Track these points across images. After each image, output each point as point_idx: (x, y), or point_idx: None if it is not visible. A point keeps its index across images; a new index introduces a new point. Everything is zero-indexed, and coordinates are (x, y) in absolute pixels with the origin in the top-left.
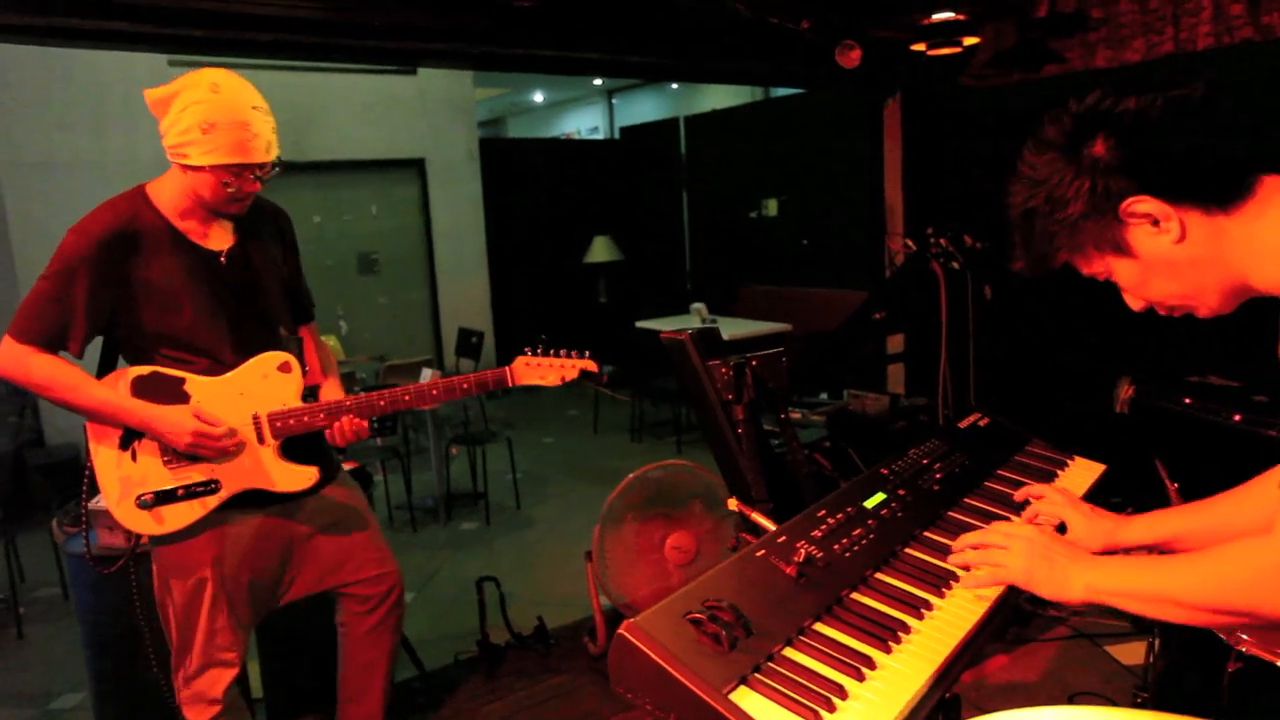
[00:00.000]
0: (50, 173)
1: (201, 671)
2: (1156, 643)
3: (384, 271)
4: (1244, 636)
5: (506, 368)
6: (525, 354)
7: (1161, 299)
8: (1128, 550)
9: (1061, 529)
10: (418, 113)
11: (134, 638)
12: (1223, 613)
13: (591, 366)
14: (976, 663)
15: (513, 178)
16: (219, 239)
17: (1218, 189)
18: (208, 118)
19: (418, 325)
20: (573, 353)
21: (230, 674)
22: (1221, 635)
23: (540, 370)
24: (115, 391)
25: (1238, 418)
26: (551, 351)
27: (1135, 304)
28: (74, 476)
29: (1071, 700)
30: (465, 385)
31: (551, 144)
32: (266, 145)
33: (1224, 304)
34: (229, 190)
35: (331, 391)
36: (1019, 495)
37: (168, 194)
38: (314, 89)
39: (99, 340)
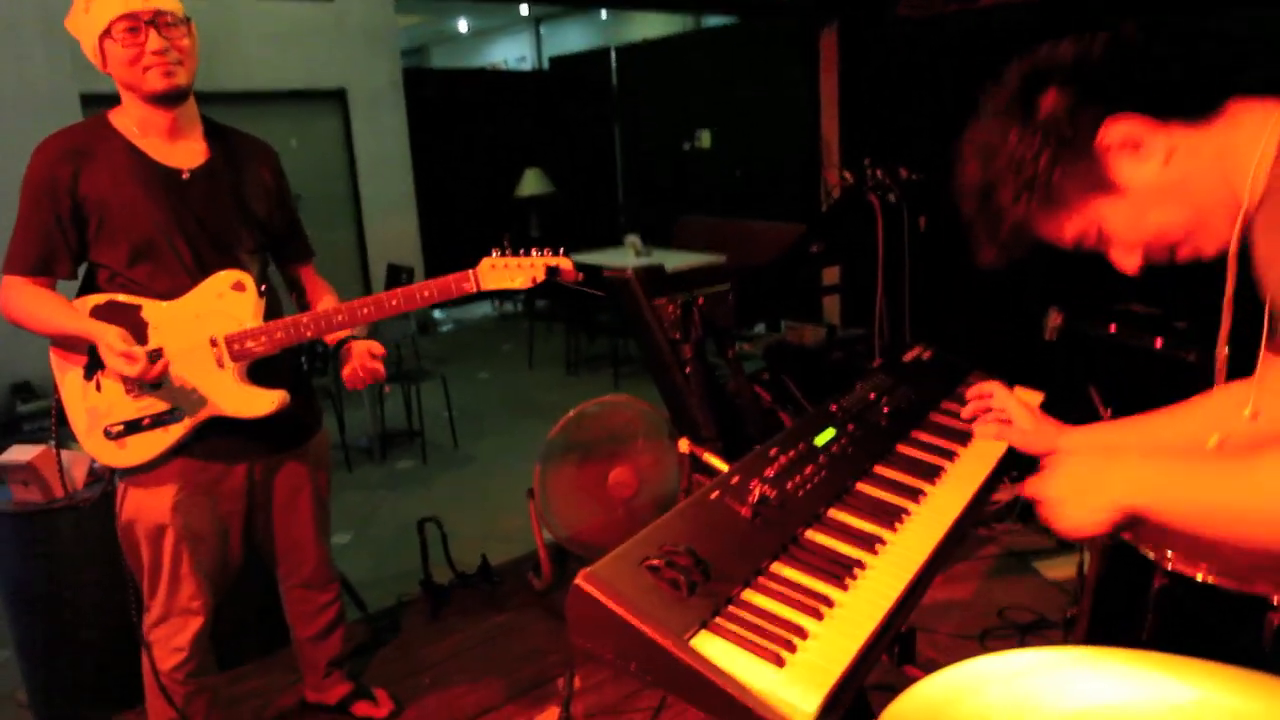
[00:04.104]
0: None
1: (164, 619)
2: (1086, 558)
3: (306, 208)
4: (1168, 554)
5: (470, 270)
6: (492, 254)
7: (1163, 233)
8: None
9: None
10: (336, 40)
11: (56, 591)
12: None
13: (564, 263)
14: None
15: (439, 110)
16: (185, 157)
17: (1191, 100)
18: None
19: (344, 263)
20: (545, 250)
21: (196, 623)
22: (1148, 552)
23: (508, 272)
24: (75, 313)
25: (1159, 343)
26: (520, 251)
27: (1130, 259)
28: None
29: (1001, 615)
30: (426, 292)
31: (479, 75)
32: None
33: (1223, 235)
34: (137, 59)
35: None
36: (971, 392)
37: (125, 115)
38: (224, 14)
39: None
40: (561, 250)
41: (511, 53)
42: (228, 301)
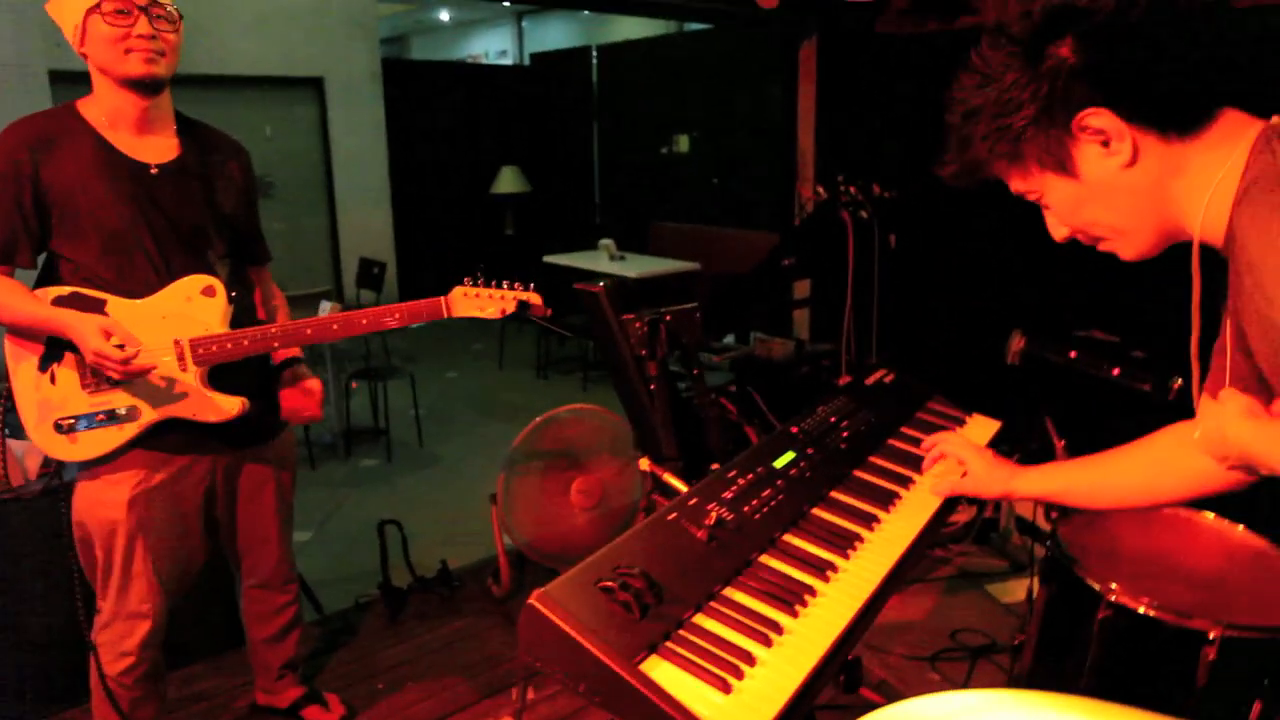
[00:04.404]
0: None
1: (112, 622)
2: (1035, 586)
3: (279, 196)
4: (1113, 585)
5: (442, 298)
6: (464, 284)
7: (1089, 227)
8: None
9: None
10: (315, 27)
11: (11, 586)
12: None
13: (534, 298)
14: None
15: (418, 102)
16: (155, 152)
17: (1181, 112)
18: None
19: (316, 255)
20: (515, 284)
21: (144, 626)
22: (1093, 584)
23: (479, 301)
24: (39, 303)
25: (1116, 371)
26: (493, 283)
27: (1059, 231)
28: None
29: (953, 637)
30: (396, 315)
31: (459, 68)
32: None
33: (1154, 246)
34: (120, 40)
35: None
36: (926, 443)
37: (95, 105)
38: None
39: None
40: (532, 286)
41: (493, 45)
42: (196, 306)
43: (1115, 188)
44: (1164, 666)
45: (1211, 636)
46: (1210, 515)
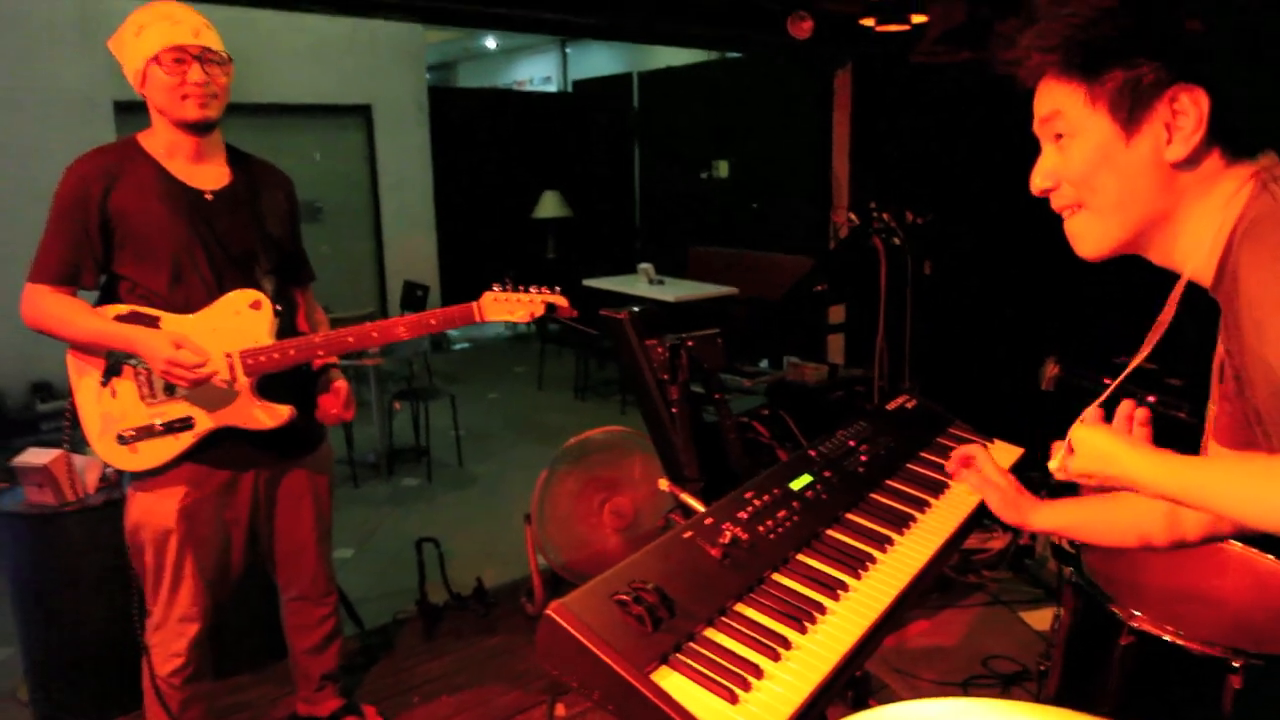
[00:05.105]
0: None
1: (163, 624)
2: (1061, 612)
3: (328, 221)
4: (1136, 613)
5: (474, 303)
6: (494, 289)
7: (1087, 191)
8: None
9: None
10: (365, 56)
11: (63, 593)
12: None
13: (560, 301)
14: (897, 629)
15: (462, 129)
16: (209, 180)
17: (1252, 139)
18: (138, 22)
19: (362, 277)
20: (542, 288)
21: (193, 629)
22: (1116, 610)
23: (508, 305)
24: (103, 319)
25: (1152, 399)
26: (520, 288)
27: (1043, 181)
28: None
29: (985, 664)
30: (433, 321)
31: (502, 95)
32: (194, 30)
33: (1124, 244)
34: (178, 87)
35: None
36: (955, 453)
37: (154, 138)
38: (256, 27)
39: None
40: (559, 289)
41: (538, 71)
42: (244, 319)
43: (1142, 172)
44: (1188, 695)
45: (1237, 665)
46: (1238, 544)
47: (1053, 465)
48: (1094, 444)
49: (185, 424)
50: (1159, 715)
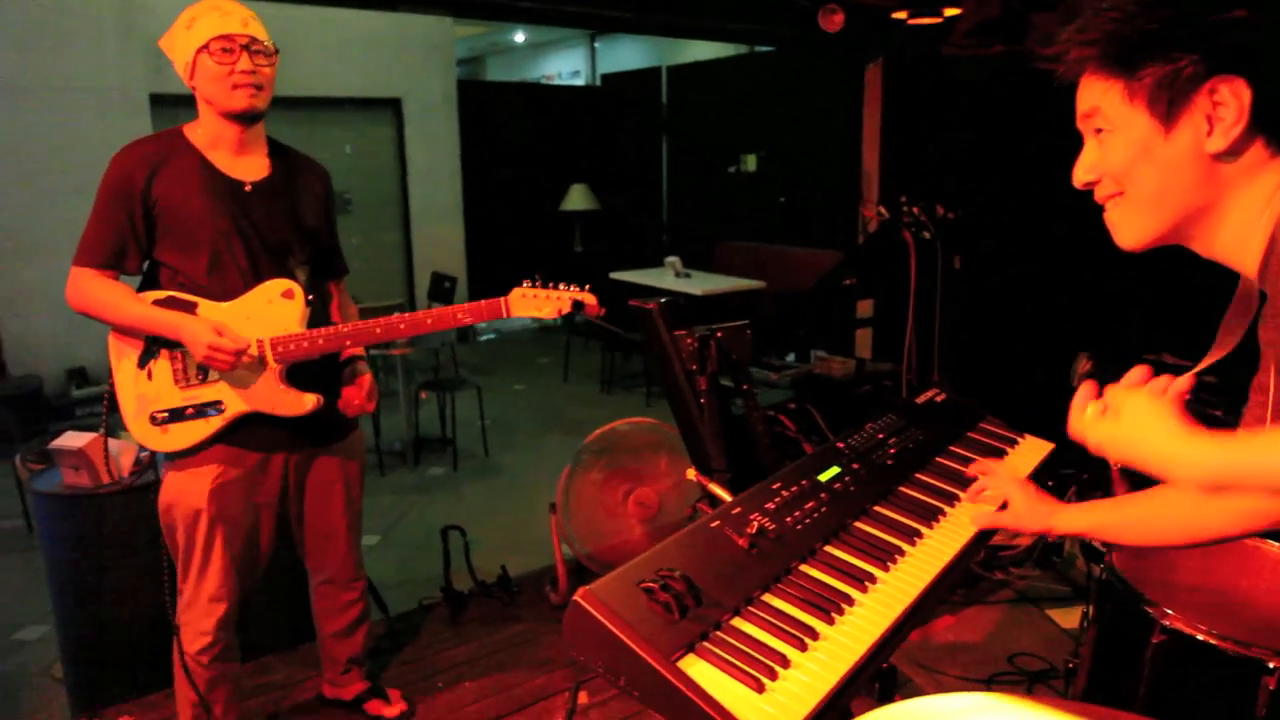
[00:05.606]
0: (11, 96)
1: (194, 603)
2: (1090, 610)
3: (357, 212)
4: (1168, 611)
5: (502, 299)
6: (523, 285)
7: (1127, 184)
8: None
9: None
10: (396, 50)
11: (98, 573)
12: None
13: (588, 298)
14: (923, 624)
15: (490, 122)
16: (249, 171)
17: None
18: (189, 16)
19: (390, 268)
20: (571, 285)
21: (220, 609)
22: (1147, 609)
23: (536, 302)
24: (146, 304)
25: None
26: (549, 284)
27: (1087, 175)
28: (36, 408)
29: (1010, 661)
30: (461, 314)
31: (530, 89)
32: (242, 20)
33: (1163, 237)
34: (226, 77)
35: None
36: (971, 470)
37: (200, 129)
38: (289, 21)
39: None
40: (588, 287)
41: (566, 65)
42: (277, 307)
43: (1187, 165)
44: (1221, 695)
45: (1272, 666)
46: (1274, 544)
47: (1077, 424)
48: (1141, 410)
49: (216, 407)
50: (1189, 716)
